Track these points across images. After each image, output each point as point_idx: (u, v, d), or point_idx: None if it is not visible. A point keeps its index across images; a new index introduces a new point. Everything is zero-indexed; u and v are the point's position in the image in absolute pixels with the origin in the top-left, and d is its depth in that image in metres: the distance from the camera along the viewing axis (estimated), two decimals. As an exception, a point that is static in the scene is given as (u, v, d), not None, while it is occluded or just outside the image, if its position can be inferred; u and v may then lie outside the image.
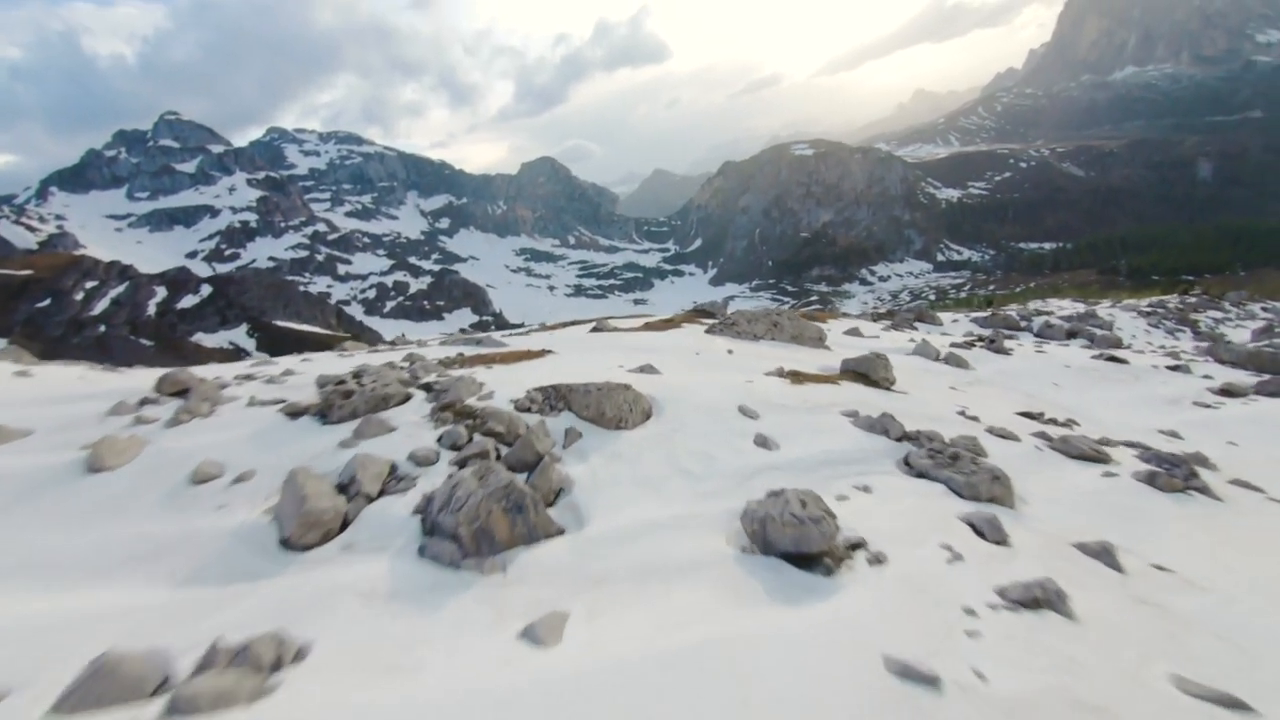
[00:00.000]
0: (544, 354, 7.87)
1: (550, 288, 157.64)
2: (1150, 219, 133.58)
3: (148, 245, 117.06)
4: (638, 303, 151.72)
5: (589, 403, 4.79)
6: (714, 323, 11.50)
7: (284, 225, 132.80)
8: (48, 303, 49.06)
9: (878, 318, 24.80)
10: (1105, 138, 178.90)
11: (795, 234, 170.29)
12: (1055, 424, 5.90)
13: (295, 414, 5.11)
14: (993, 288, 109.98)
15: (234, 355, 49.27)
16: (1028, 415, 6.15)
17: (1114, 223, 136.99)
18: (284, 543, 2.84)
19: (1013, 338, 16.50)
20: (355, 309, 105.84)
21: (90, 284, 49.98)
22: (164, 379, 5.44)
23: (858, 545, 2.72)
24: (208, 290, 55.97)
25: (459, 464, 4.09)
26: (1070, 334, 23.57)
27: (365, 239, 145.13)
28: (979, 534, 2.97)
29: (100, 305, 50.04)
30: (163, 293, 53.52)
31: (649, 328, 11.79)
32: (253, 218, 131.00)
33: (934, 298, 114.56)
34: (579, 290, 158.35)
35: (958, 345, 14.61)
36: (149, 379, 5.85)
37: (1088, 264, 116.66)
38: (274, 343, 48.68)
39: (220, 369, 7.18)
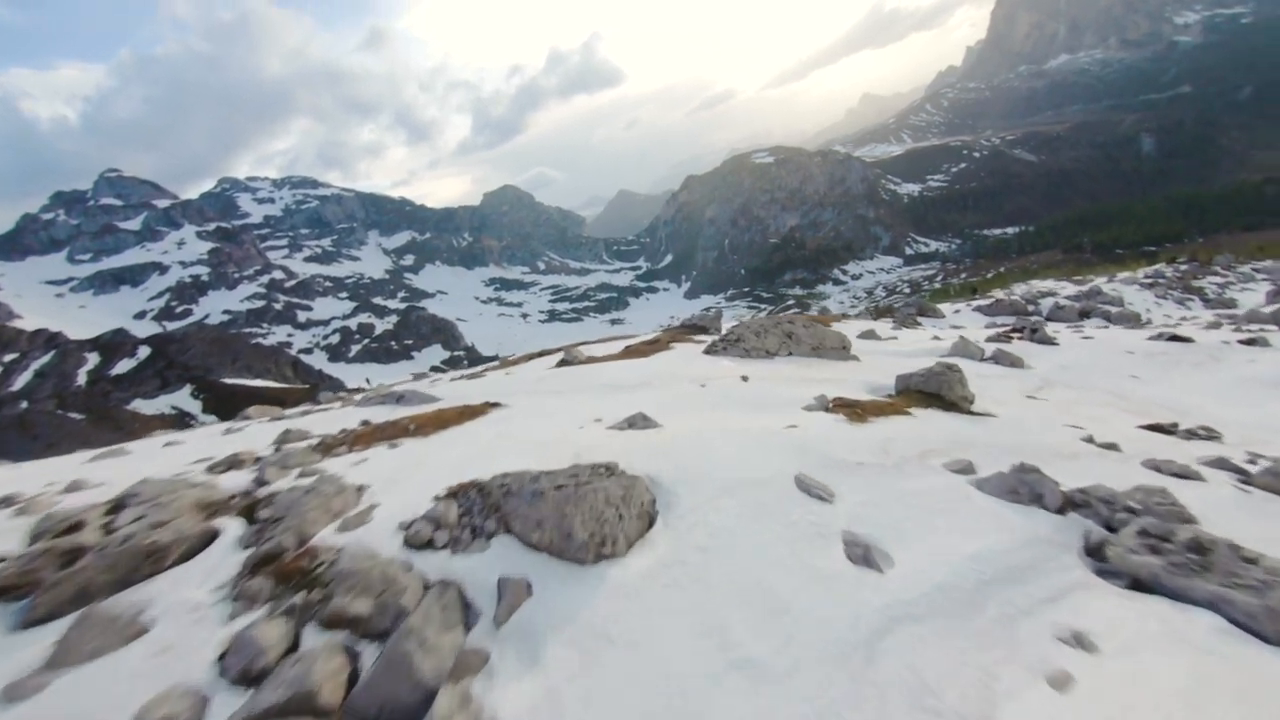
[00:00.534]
0: (486, 410, 5.25)
1: (523, 315, 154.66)
2: (1103, 196, 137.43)
3: (92, 309, 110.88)
4: (614, 322, 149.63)
5: (542, 516, 2.65)
6: (712, 340, 9.10)
7: (238, 276, 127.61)
8: (-40, 382, 44.15)
9: (877, 315, 22.75)
10: (1050, 123, 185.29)
11: (764, 240, 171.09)
12: (1199, 436, 4.65)
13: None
14: (964, 275, 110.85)
15: (177, 421, 45.25)
16: (1156, 428, 4.86)
17: (1069, 203, 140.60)
18: None
19: (1042, 326, 14.55)
20: (318, 356, 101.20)
21: (9, 356, 45.04)
22: None
23: None
24: (146, 352, 51.35)
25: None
26: (1083, 314, 21.81)
27: (326, 283, 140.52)
28: None
29: (21, 379, 45.10)
30: (95, 359, 48.80)
31: (631, 353, 9.30)
32: (204, 271, 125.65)
33: (909, 291, 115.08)
34: (553, 315, 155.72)
35: (993, 340, 12.72)
36: None
37: (1051, 245, 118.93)
38: (222, 403, 44.72)
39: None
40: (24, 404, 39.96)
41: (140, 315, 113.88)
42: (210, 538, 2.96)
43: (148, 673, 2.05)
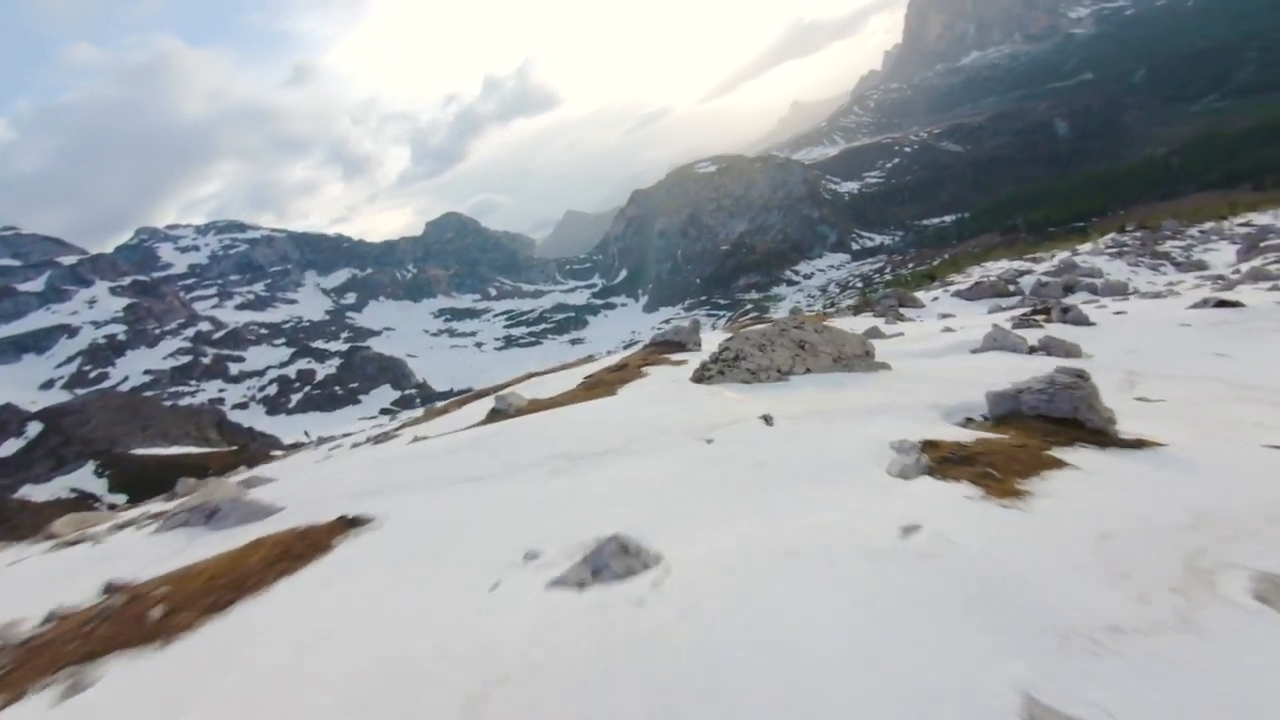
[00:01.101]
0: (331, 541, 2.23)
1: (478, 345, 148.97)
2: (1027, 179, 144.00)
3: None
4: (574, 342, 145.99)
5: None
6: (702, 362, 6.32)
7: (160, 332, 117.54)
8: None
9: (858, 310, 20.54)
10: (970, 115, 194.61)
11: (716, 248, 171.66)
12: None
13: None
14: (911, 266, 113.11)
15: (77, 505, 39.06)
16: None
17: (997, 188, 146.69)
18: None
19: (1074, 305, 12.44)
20: (254, 411, 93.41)
21: None
22: None
23: None
24: (38, 428, 44.54)
25: None
26: (1067, 288, 20.24)
27: (260, 330, 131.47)
28: None
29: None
30: (-28, 442, 41.95)
31: (593, 388, 6.53)
32: (120, 330, 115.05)
33: (861, 285, 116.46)
34: (509, 341, 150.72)
35: (1023, 326, 10.73)
36: None
37: (987, 228, 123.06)
38: (131, 479, 38.90)
39: None
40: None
41: (48, 385, 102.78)
42: None
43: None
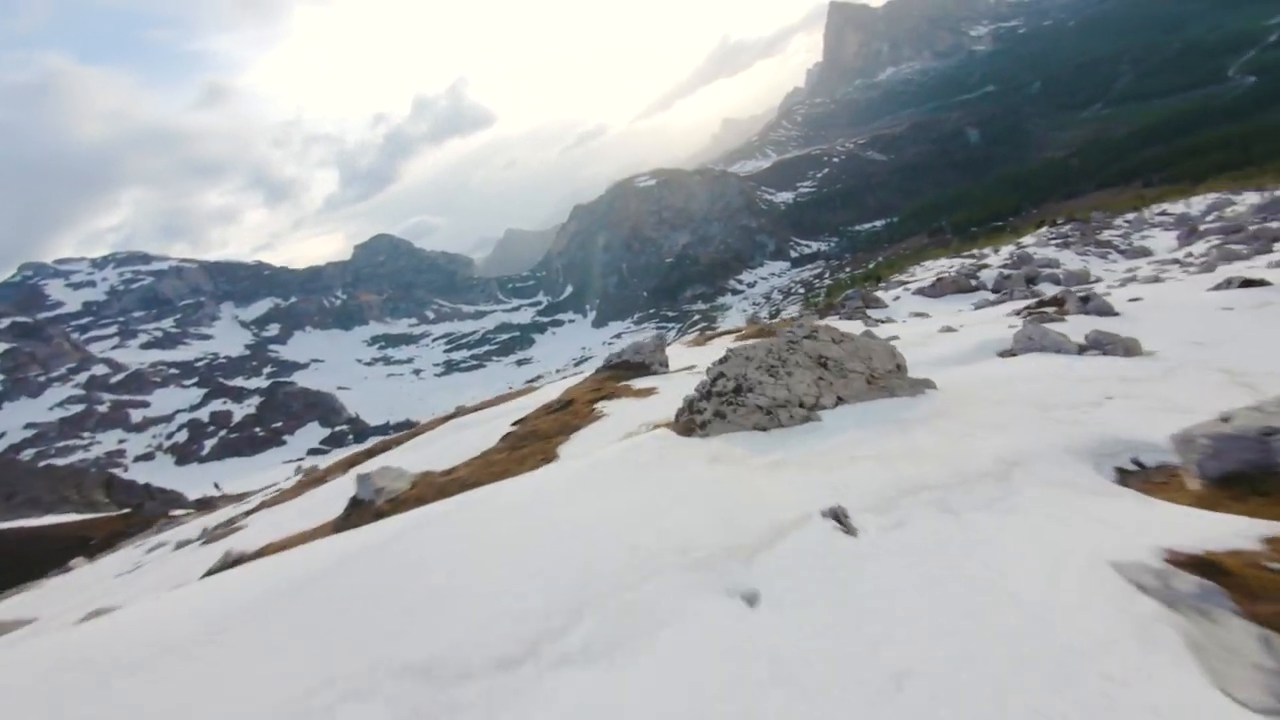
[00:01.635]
0: None
1: (415, 372, 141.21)
2: (947, 184, 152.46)
3: None
4: (521, 363, 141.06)
5: None
6: (686, 399, 3.71)
7: (45, 379, 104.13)
8: None
9: (823, 314, 18.84)
10: (890, 126, 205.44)
11: (660, 261, 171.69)
12: None
13: None
14: (849, 269, 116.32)
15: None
16: None
17: (920, 193, 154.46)
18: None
19: (1093, 293, 10.83)
20: (161, 462, 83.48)
21: None
22: None
23: None
24: None
25: None
26: (1029, 279, 19.29)
27: (169, 370, 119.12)
28: None
29: None
30: None
31: (518, 445, 4.52)
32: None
33: (804, 291, 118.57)
34: (450, 366, 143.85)
35: (1033, 319, 8.83)
36: None
37: (915, 231, 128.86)
38: (-20, 558, 32.17)
39: None
40: None
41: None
42: None
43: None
